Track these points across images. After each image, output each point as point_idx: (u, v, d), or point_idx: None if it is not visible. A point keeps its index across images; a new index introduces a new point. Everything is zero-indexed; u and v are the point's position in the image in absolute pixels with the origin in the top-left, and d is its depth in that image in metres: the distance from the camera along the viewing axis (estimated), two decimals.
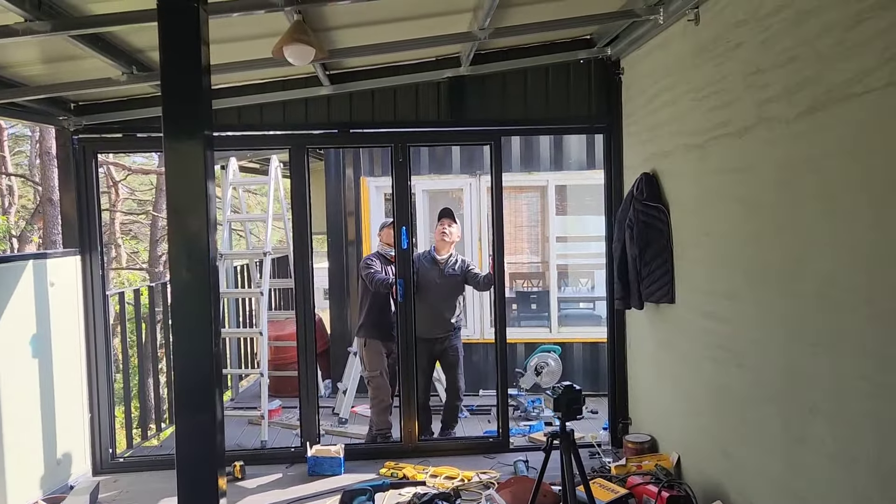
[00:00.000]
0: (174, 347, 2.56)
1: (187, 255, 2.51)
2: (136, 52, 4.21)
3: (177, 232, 2.52)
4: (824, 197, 2.86)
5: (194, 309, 2.49)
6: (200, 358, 2.52)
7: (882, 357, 2.50)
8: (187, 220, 2.51)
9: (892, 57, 2.37)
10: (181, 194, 2.49)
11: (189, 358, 2.53)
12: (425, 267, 5.97)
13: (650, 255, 4.61)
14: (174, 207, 2.51)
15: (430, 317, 5.85)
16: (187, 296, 2.52)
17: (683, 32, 4.20)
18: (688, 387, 4.38)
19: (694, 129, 4.12)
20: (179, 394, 2.56)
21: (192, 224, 2.49)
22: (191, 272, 2.49)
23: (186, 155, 2.47)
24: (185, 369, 2.55)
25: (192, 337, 2.51)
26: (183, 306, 2.52)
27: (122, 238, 18.34)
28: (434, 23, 4.49)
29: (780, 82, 3.15)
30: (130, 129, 5.33)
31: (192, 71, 2.45)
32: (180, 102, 2.42)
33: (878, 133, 2.48)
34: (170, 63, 2.39)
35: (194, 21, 2.33)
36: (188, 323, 2.52)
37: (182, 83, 2.44)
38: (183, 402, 2.54)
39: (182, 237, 2.52)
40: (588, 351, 7.58)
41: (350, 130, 5.53)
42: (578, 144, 7.59)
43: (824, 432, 2.92)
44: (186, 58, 2.43)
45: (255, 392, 7.46)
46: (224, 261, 6.92)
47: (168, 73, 2.39)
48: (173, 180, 2.50)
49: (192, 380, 2.54)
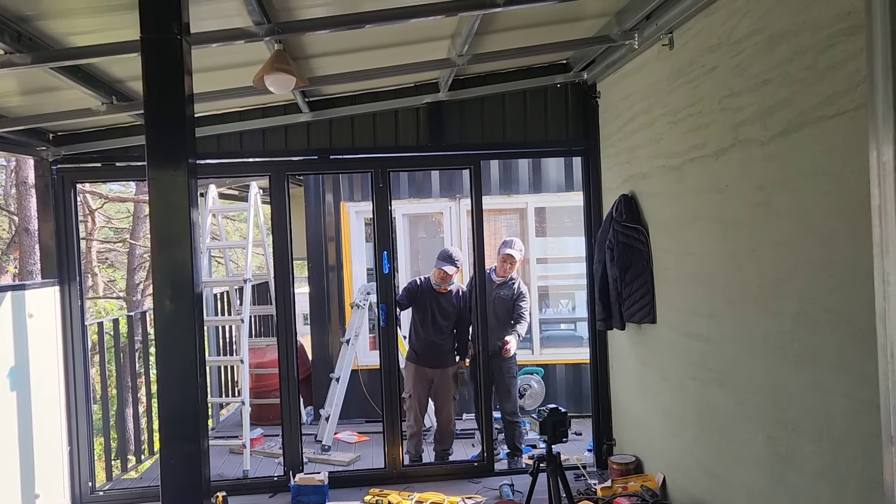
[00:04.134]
0: (159, 378, 2.53)
1: (172, 285, 2.49)
2: (116, 83, 4.21)
3: (161, 262, 2.50)
4: (801, 217, 2.92)
5: (179, 339, 2.47)
6: (186, 388, 2.49)
7: (862, 374, 2.54)
8: (172, 249, 2.50)
9: (862, 80, 2.44)
10: (166, 224, 2.47)
11: (175, 388, 2.51)
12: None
13: (631, 276, 4.66)
14: (159, 237, 2.50)
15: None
16: (172, 326, 2.50)
17: (658, 56, 4.28)
18: (671, 406, 4.41)
19: (671, 151, 4.19)
20: (165, 425, 2.53)
21: (177, 254, 2.48)
22: (175, 302, 2.47)
23: (171, 185, 2.46)
24: (171, 400, 2.53)
25: (177, 367, 2.48)
26: (168, 336, 2.50)
27: (99, 267, 18.09)
28: (413, 50, 4.54)
29: (755, 105, 3.23)
30: (109, 158, 5.31)
31: (176, 101, 2.45)
32: (164, 133, 2.41)
33: (850, 154, 2.55)
34: (153, 94, 2.39)
35: (177, 52, 2.34)
36: (174, 353, 2.50)
37: (166, 114, 2.45)
38: (168, 433, 2.51)
39: (167, 267, 2.50)
40: (571, 372, 7.60)
41: (330, 156, 5.54)
42: (557, 167, 7.67)
43: (808, 450, 2.95)
44: (170, 88, 2.43)
45: (237, 421, 7.37)
46: (204, 288, 6.87)
47: (152, 104, 2.39)
48: (158, 210, 2.48)
49: (178, 411, 2.51)
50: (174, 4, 2.31)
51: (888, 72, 2.26)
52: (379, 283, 5.58)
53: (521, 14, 3.99)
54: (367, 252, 7.70)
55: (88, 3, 3.09)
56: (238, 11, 3.29)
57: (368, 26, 3.66)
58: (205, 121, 5.23)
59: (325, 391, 7.16)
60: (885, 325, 2.34)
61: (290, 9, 3.48)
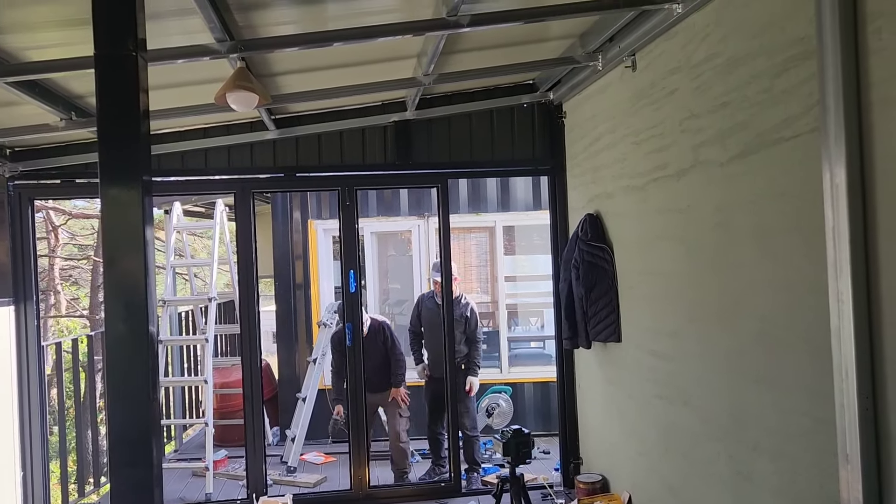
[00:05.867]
0: (108, 402, 2.45)
1: (124, 307, 2.42)
2: (76, 98, 4.13)
3: (113, 282, 2.44)
4: (760, 237, 2.96)
5: (131, 363, 2.39)
6: (138, 412, 2.42)
7: (820, 394, 2.57)
8: (125, 269, 2.43)
9: (816, 103, 2.48)
10: (118, 243, 2.41)
11: (126, 412, 2.43)
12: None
13: (596, 295, 4.68)
14: (110, 257, 2.43)
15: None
16: (123, 348, 2.42)
17: (621, 78, 4.34)
18: (636, 425, 4.41)
19: (634, 172, 4.23)
20: (115, 449, 2.45)
21: (130, 274, 2.41)
22: (128, 324, 2.40)
23: (124, 202, 2.40)
24: (122, 424, 2.45)
25: (128, 391, 2.41)
26: (119, 360, 2.42)
27: (62, 284, 17.71)
28: (379, 68, 4.54)
29: (714, 127, 3.27)
30: (69, 174, 5.20)
31: (131, 117, 2.39)
32: (117, 149, 2.35)
33: (805, 176, 2.59)
34: (107, 111, 2.33)
35: (133, 69, 2.30)
36: (125, 377, 2.43)
37: (120, 130, 2.39)
38: (118, 458, 2.44)
39: (118, 288, 2.43)
40: (539, 391, 7.58)
41: (296, 174, 5.50)
42: (525, 186, 7.70)
43: (768, 468, 2.96)
44: (124, 105, 2.38)
45: (200, 442, 7.21)
46: (168, 307, 6.75)
47: (105, 120, 2.33)
48: (110, 228, 2.41)
49: (129, 435, 2.43)
50: (129, 20, 2.27)
51: (839, 96, 2.31)
52: (345, 303, 5.53)
53: (486, 35, 4.02)
54: (336, 270, 7.64)
55: (46, 17, 3.04)
56: (203, 28, 3.26)
57: (335, 45, 3.65)
58: (168, 137, 5.17)
59: (291, 411, 7.05)
60: (840, 345, 2.37)
61: (254, 26, 3.46)
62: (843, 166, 2.32)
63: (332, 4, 3.43)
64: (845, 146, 2.30)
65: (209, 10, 2.94)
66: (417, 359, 6.33)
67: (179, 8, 2.97)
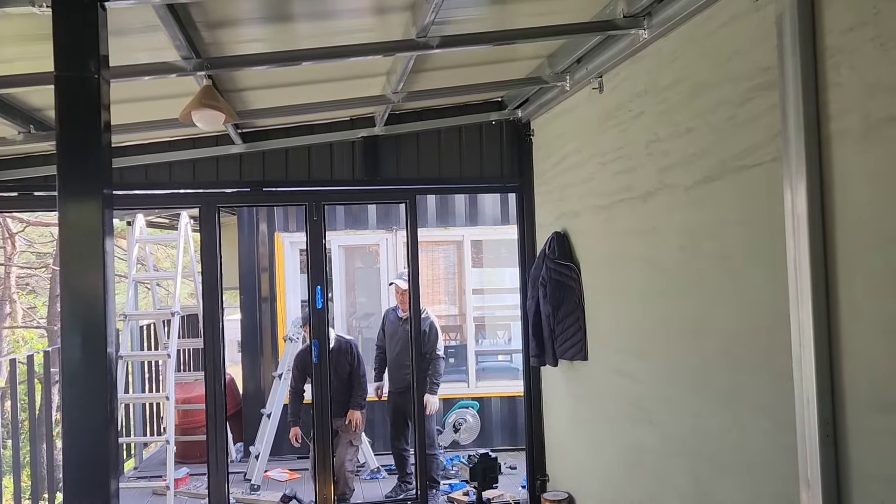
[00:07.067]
0: (63, 423, 2.38)
1: (81, 329, 2.35)
2: (35, 111, 4.04)
3: (70, 297, 2.36)
4: (722, 260, 3.00)
5: (87, 381, 2.31)
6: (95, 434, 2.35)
7: (780, 416, 2.60)
8: (82, 284, 2.36)
9: (778, 133, 2.53)
10: (76, 256, 2.34)
11: (82, 434, 2.36)
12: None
13: (563, 313, 4.70)
14: (67, 271, 2.35)
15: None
16: (80, 366, 2.34)
17: (589, 99, 4.38)
18: (602, 443, 4.44)
19: (601, 192, 4.27)
20: (69, 472, 2.38)
21: (88, 289, 2.34)
22: (85, 347, 2.33)
23: (82, 215, 2.33)
24: (77, 448, 2.37)
25: (84, 410, 2.33)
26: (75, 377, 2.34)
27: (19, 293, 17.26)
28: (348, 85, 4.52)
29: (679, 151, 3.32)
30: (27, 187, 5.07)
31: (91, 132, 2.33)
32: (77, 162, 2.28)
33: (767, 204, 2.63)
34: (67, 127, 2.28)
35: (94, 89, 2.24)
36: (80, 395, 2.34)
37: (79, 144, 2.32)
38: (73, 482, 2.36)
39: (76, 303, 2.36)
40: (506, 405, 7.58)
41: (263, 189, 5.44)
42: (493, 201, 7.73)
43: (731, 488, 2.99)
44: (85, 122, 2.32)
45: (161, 459, 7.05)
46: (129, 321, 6.61)
47: (65, 135, 2.27)
48: (67, 242, 2.34)
49: (84, 459, 2.36)
50: (91, 41, 2.22)
51: (800, 127, 2.36)
52: (312, 319, 5.48)
53: (455, 54, 4.02)
54: (303, 283, 7.56)
55: (5, 31, 2.96)
56: (170, 44, 3.21)
57: (304, 64, 3.63)
58: (131, 150, 5.07)
59: (255, 427, 6.95)
60: (801, 373, 2.41)
61: (221, 43, 3.41)
62: (803, 196, 2.36)
63: (302, 23, 3.40)
64: (806, 177, 2.35)
65: (174, 27, 2.89)
66: (378, 376, 6.31)
67: (145, 24, 2.92)
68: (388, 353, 6.22)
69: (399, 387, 6.01)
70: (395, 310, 6.26)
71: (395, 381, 6.12)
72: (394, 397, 6.13)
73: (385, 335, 6.27)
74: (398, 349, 6.08)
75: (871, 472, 2.21)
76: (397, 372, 6.05)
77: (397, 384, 6.07)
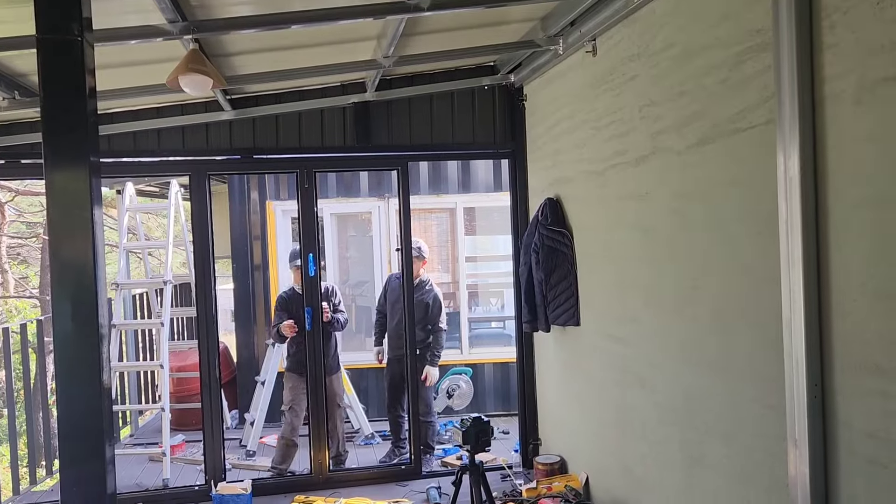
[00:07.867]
0: (57, 391, 2.38)
1: (72, 296, 2.35)
2: (19, 77, 3.97)
3: (59, 266, 2.35)
4: (715, 225, 3.00)
5: (79, 351, 2.33)
6: (88, 402, 2.36)
7: (769, 379, 2.63)
8: (71, 253, 2.35)
9: (771, 96, 2.51)
10: (65, 227, 2.32)
11: (75, 403, 2.37)
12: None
13: (555, 279, 4.71)
14: (56, 241, 2.34)
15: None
16: (71, 336, 2.35)
17: (582, 63, 4.33)
18: (594, 407, 4.48)
19: (594, 157, 4.25)
20: (64, 442, 2.39)
21: (77, 258, 2.33)
22: (76, 315, 2.33)
23: (69, 184, 2.31)
24: (71, 416, 2.39)
25: (77, 380, 2.34)
26: (67, 348, 2.35)
27: (10, 263, 17.18)
28: (338, 50, 4.46)
29: (672, 115, 3.30)
30: (13, 155, 5.01)
31: (76, 99, 2.30)
32: (63, 130, 2.26)
33: (760, 167, 2.62)
34: (51, 93, 2.24)
35: (78, 53, 2.20)
36: (73, 366, 2.36)
37: (65, 111, 2.29)
38: (68, 449, 2.38)
39: (65, 273, 2.35)
40: (499, 371, 7.64)
41: (253, 156, 5.39)
42: (486, 168, 7.69)
43: (720, 451, 3.04)
44: (69, 87, 2.29)
45: (157, 426, 7.12)
46: (121, 290, 6.60)
47: (49, 102, 2.24)
48: (55, 211, 2.32)
49: (79, 426, 2.37)
50: (74, 2, 2.17)
51: (794, 89, 2.34)
52: (305, 287, 5.47)
53: (447, 17, 3.97)
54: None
55: None
56: (154, 7, 3.14)
57: (294, 27, 3.57)
58: (120, 117, 5.01)
59: (250, 394, 6.99)
60: (791, 335, 2.43)
61: (208, 6, 3.35)
62: (796, 159, 2.35)
63: None
64: (799, 139, 2.34)
65: None
66: (378, 340, 6.32)
67: None
68: (389, 320, 6.18)
69: (399, 353, 6.00)
70: (398, 276, 6.20)
71: (395, 348, 6.13)
72: (393, 364, 6.15)
73: (387, 301, 6.24)
74: (400, 316, 6.03)
75: (857, 431, 2.24)
76: (398, 339, 6.05)
77: (397, 351, 6.07)
